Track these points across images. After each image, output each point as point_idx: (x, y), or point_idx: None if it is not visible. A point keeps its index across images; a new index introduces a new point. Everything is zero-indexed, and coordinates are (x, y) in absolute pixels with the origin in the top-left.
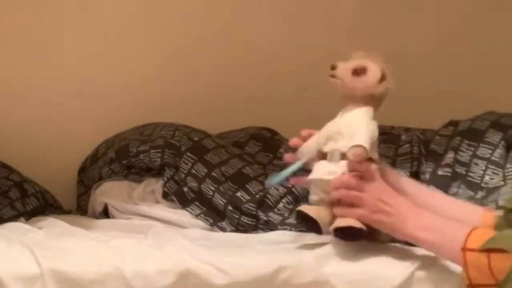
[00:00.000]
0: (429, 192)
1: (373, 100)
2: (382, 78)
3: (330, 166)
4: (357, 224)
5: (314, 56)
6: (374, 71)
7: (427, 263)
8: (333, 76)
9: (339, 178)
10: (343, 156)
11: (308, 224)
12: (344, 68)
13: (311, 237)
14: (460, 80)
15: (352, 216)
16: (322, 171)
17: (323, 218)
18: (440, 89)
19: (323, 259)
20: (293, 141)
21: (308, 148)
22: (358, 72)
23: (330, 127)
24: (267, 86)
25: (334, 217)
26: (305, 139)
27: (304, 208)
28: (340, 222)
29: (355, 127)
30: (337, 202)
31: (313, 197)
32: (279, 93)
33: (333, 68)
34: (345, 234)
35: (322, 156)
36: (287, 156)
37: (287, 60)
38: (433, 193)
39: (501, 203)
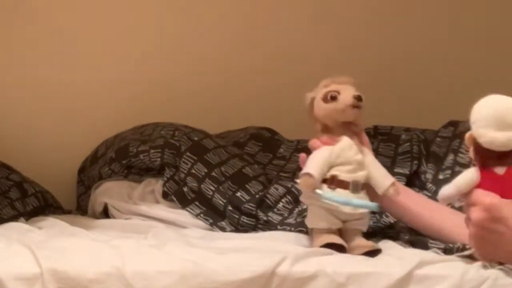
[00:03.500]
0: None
1: None
2: None
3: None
4: (375, 246)
5: (315, 56)
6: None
7: (426, 262)
8: (360, 107)
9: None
10: (362, 187)
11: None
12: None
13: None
14: (460, 80)
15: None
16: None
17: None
18: (440, 89)
19: (324, 253)
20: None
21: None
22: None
23: (341, 153)
24: (267, 86)
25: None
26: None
27: (328, 239)
28: (365, 248)
29: (373, 160)
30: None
31: (323, 224)
32: (279, 93)
33: (360, 99)
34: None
35: (337, 182)
36: (303, 157)
37: (287, 60)
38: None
39: None
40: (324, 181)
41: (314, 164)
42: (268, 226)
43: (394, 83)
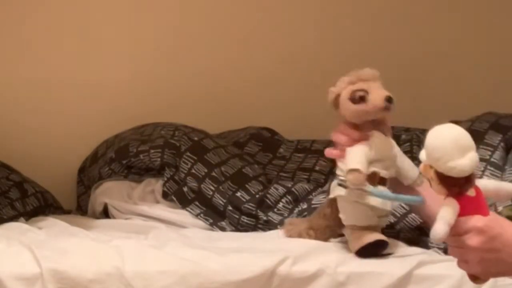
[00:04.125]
0: None
1: None
2: None
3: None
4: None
5: (315, 56)
6: None
7: (426, 262)
8: (391, 109)
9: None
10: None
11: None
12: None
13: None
14: (460, 80)
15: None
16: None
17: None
18: (440, 89)
19: (324, 252)
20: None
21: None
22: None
23: (379, 150)
24: (267, 87)
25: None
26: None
27: (376, 236)
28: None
29: (400, 151)
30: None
31: (366, 221)
32: (279, 93)
33: (391, 100)
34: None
35: (379, 180)
36: (333, 152)
37: (287, 60)
38: None
39: (500, 209)
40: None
41: (359, 160)
42: (268, 226)
43: (394, 83)
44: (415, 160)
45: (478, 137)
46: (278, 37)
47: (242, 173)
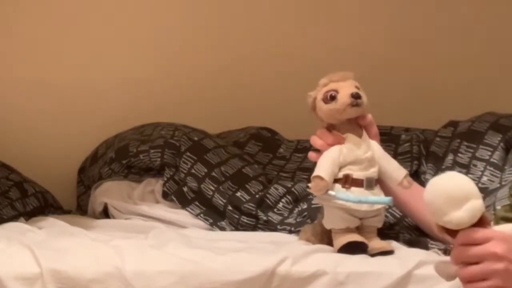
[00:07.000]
0: None
1: None
2: None
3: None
4: (390, 247)
5: (315, 55)
6: None
7: (426, 262)
8: (359, 104)
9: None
10: (376, 182)
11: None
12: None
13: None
14: (460, 80)
15: None
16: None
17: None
18: (440, 89)
19: (324, 252)
20: (312, 155)
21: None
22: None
23: (350, 153)
24: (268, 86)
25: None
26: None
27: (349, 238)
28: (381, 249)
29: (383, 153)
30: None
31: (341, 223)
32: (279, 93)
33: (358, 96)
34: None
35: (351, 181)
36: (313, 156)
37: (287, 60)
38: None
39: (498, 208)
40: (338, 180)
41: (324, 166)
42: (268, 226)
43: (394, 83)
44: (415, 159)
45: (478, 137)
46: (278, 37)
47: (242, 173)
